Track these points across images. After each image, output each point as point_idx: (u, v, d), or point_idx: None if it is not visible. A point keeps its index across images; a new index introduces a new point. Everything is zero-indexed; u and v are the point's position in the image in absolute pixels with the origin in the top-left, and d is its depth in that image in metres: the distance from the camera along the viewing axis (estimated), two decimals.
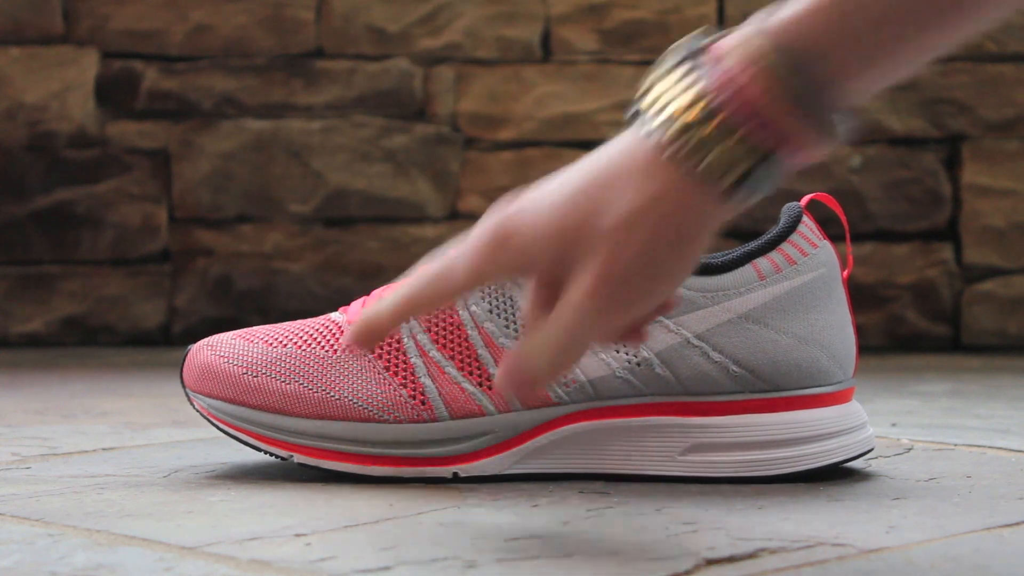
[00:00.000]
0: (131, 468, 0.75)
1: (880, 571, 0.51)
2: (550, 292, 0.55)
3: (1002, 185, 1.69)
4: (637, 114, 0.53)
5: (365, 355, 0.70)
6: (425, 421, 0.69)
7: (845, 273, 0.71)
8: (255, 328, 0.74)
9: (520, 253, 0.54)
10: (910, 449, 0.81)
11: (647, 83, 0.53)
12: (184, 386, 0.73)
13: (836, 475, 0.70)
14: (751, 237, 0.71)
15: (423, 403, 0.69)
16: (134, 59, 1.71)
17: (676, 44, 0.53)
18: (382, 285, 0.76)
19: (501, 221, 0.54)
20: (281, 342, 0.72)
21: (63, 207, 1.71)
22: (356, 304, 0.73)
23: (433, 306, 0.58)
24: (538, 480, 0.70)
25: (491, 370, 0.69)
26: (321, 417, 0.70)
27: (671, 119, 0.51)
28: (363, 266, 1.71)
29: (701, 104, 0.50)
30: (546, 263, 0.54)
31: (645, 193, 0.52)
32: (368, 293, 0.75)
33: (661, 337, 0.68)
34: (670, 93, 0.51)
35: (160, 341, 1.72)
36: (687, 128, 0.50)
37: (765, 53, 0.50)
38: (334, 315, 0.73)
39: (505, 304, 0.69)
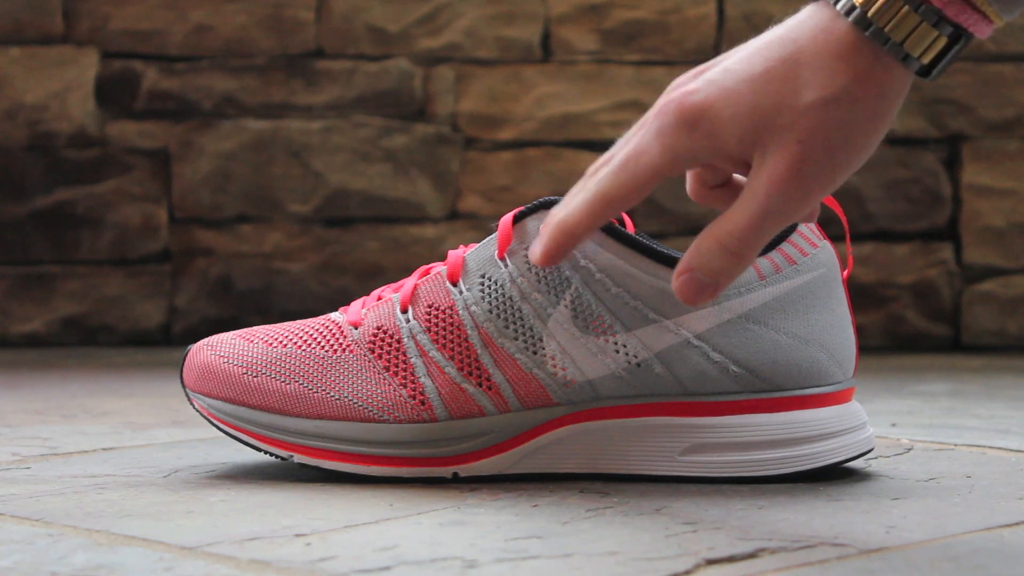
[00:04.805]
0: (131, 468, 0.75)
1: (880, 571, 0.51)
2: (717, 172, 0.53)
3: (1002, 185, 1.69)
4: None
5: (365, 355, 0.70)
6: (425, 421, 0.69)
7: (845, 273, 0.71)
8: (255, 328, 0.74)
9: (711, 132, 0.52)
10: (910, 449, 0.81)
11: None
12: (184, 386, 0.73)
13: (836, 475, 0.70)
14: None
15: (423, 403, 0.69)
16: (134, 59, 1.71)
17: None
18: (382, 285, 0.76)
19: (684, 101, 0.52)
20: (281, 342, 0.72)
21: (63, 207, 1.71)
22: (356, 304, 0.73)
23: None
24: (538, 480, 0.70)
25: (491, 371, 0.69)
26: (321, 417, 0.70)
27: None
28: (363, 266, 1.71)
29: None
30: (735, 143, 0.52)
31: (846, 72, 0.51)
32: (368, 293, 0.75)
33: (661, 337, 0.68)
34: None
35: (160, 341, 1.72)
36: (889, 5, 0.50)
37: None
38: (334, 315, 0.73)
39: (505, 304, 0.69)
